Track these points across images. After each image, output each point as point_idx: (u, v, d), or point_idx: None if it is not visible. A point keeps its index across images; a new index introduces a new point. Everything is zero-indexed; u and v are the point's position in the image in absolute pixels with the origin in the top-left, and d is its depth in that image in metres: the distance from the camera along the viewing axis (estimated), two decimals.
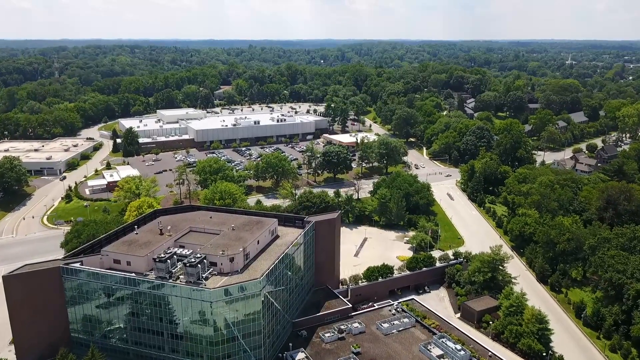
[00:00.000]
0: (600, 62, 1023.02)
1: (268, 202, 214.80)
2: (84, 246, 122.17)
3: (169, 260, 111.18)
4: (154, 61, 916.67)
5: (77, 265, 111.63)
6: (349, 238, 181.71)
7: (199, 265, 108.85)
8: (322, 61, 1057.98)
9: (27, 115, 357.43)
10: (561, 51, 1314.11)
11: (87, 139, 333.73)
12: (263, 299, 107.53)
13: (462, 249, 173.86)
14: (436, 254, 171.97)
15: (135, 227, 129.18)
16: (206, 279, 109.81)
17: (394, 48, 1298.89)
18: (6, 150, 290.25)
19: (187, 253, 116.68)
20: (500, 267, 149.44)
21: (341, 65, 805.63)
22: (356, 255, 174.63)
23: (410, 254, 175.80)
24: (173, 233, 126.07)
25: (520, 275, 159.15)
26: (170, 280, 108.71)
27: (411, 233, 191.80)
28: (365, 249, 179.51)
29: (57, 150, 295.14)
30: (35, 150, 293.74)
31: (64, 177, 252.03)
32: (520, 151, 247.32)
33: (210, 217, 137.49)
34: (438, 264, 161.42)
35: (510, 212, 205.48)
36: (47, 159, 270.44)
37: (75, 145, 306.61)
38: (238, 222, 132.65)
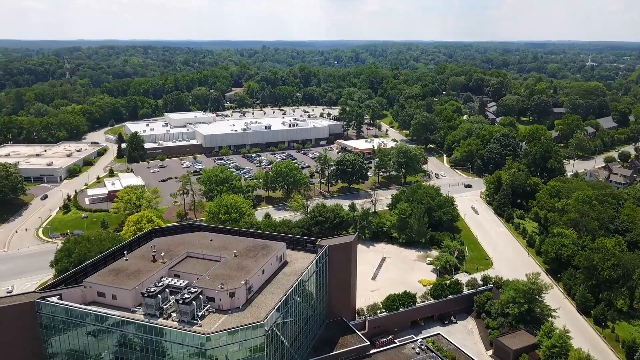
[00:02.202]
0: (621, 63, 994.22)
1: (278, 215, 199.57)
2: (66, 275, 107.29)
3: (159, 295, 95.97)
4: (166, 62, 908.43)
5: (54, 299, 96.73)
6: (366, 257, 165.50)
7: (193, 302, 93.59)
8: (336, 62, 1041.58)
9: (31, 118, 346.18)
10: (580, 52, 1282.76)
11: (91, 143, 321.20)
12: (269, 332, 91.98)
13: (491, 273, 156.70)
14: (462, 277, 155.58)
15: (125, 252, 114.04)
16: (202, 317, 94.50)
17: (409, 49, 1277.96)
18: (7, 155, 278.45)
19: (182, 285, 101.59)
20: (537, 298, 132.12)
21: (356, 66, 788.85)
22: (374, 278, 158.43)
23: (433, 276, 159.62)
24: (167, 260, 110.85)
25: (559, 305, 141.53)
26: (160, 319, 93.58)
27: (434, 252, 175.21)
28: (384, 271, 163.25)
29: (59, 155, 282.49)
30: (37, 155, 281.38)
31: (45, 197, 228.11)
32: (550, 161, 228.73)
33: (211, 240, 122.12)
34: (465, 291, 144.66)
35: (542, 230, 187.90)
36: (48, 165, 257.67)
37: (78, 150, 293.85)
38: (241, 247, 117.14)
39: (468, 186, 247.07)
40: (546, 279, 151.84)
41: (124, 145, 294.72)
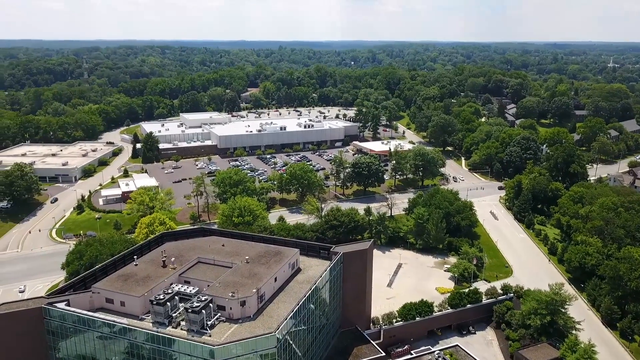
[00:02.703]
0: None
1: (292, 218, 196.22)
2: (74, 280, 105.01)
3: (168, 303, 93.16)
4: (183, 62, 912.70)
5: (62, 305, 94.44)
6: (381, 263, 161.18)
7: (203, 311, 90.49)
8: (352, 63, 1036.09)
9: (47, 117, 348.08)
10: (601, 53, 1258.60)
11: (107, 143, 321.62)
12: (281, 342, 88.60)
13: (511, 281, 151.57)
14: (481, 285, 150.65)
15: (135, 257, 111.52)
16: (212, 327, 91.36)
17: (426, 50, 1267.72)
18: (23, 155, 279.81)
19: (192, 292, 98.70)
20: (561, 309, 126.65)
21: (372, 67, 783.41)
22: (389, 285, 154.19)
23: (450, 284, 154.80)
24: (178, 265, 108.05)
25: (583, 317, 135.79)
26: (169, 328, 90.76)
27: (451, 259, 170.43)
28: (400, 278, 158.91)
29: (75, 155, 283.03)
30: (53, 154, 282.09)
31: (54, 200, 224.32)
32: (573, 166, 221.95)
33: (223, 245, 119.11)
34: (484, 300, 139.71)
35: (564, 237, 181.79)
36: (63, 164, 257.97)
37: (94, 150, 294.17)
38: (254, 253, 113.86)
39: (482, 188, 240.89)
40: (570, 289, 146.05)
41: (138, 146, 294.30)
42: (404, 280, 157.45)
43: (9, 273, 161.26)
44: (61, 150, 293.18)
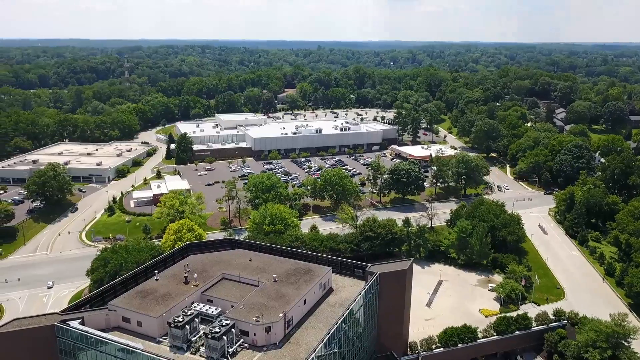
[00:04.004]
0: None
1: (325, 227, 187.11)
2: (92, 294, 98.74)
3: (187, 326, 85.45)
4: (222, 62, 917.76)
5: (75, 323, 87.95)
6: (420, 280, 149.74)
7: (224, 337, 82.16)
8: (391, 63, 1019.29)
9: (85, 116, 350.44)
10: None
11: (141, 143, 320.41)
12: None
13: (563, 305, 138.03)
14: (529, 309, 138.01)
15: (156, 272, 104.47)
16: (233, 354, 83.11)
17: (468, 50, 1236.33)
18: (60, 153, 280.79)
19: (214, 313, 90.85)
20: (624, 343, 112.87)
21: (412, 68, 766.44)
22: (429, 304, 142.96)
23: (495, 305, 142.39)
24: (200, 282, 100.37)
25: None
26: (187, 354, 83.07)
27: (496, 277, 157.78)
28: (440, 297, 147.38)
29: (109, 154, 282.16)
30: (88, 154, 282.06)
31: (75, 210, 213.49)
32: (632, 178, 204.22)
33: (250, 260, 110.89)
34: (534, 326, 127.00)
35: (622, 257, 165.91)
36: (97, 164, 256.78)
37: (128, 150, 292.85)
38: (282, 270, 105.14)
39: (529, 200, 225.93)
40: (634, 321, 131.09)
41: (172, 146, 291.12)
42: (445, 299, 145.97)
43: (36, 276, 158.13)
44: (97, 150, 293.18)
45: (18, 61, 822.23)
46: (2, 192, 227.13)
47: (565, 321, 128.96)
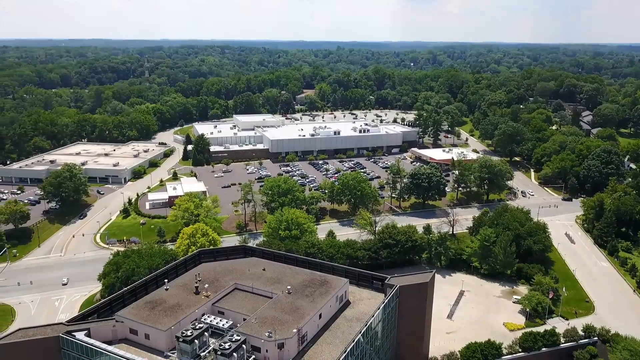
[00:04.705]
0: None
1: (342, 232, 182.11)
2: (99, 304, 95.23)
3: (196, 341, 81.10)
4: (242, 62, 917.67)
5: (81, 335, 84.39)
6: (441, 290, 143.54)
7: (234, 354, 77.61)
8: (411, 64, 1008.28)
9: (103, 116, 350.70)
10: None
11: (159, 144, 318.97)
12: None
13: (593, 320, 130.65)
14: (557, 323, 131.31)
15: (166, 280, 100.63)
16: None
17: (490, 51, 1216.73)
18: (77, 154, 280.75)
19: (225, 326, 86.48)
20: None
21: (433, 69, 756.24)
22: (450, 316, 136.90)
23: (520, 319, 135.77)
24: (212, 293, 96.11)
25: None
26: None
27: (521, 288, 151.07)
28: (462, 308, 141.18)
29: (126, 155, 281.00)
30: (106, 154, 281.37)
31: (83, 216, 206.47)
32: None
33: (263, 270, 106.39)
34: (562, 343, 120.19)
35: None
36: (114, 165, 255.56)
37: (145, 151, 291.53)
38: (297, 281, 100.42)
39: (556, 206, 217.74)
40: None
41: (190, 147, 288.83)
42: (467, 311, 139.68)
43: (49, 279, 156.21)
44: (114, 150, 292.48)
45: (42, 61, 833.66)
46: (19, 192, 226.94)
47: (596, 338, 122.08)
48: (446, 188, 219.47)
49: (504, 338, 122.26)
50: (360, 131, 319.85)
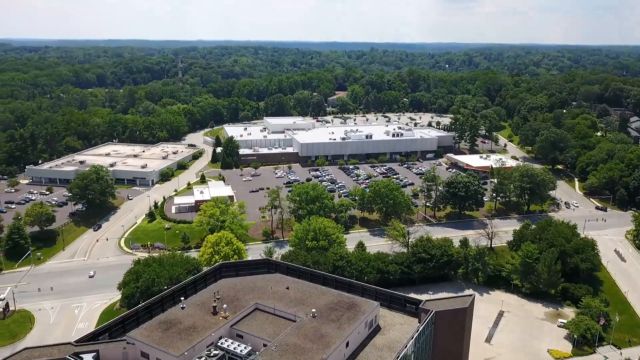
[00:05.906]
0: None
1: (372, 242, 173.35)
2: (111, 322, 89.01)
3: None
4: (274, 63, 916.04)
5: (89, 357, 78.29)
6: (478, 309, 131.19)
7: None
8: (447, 66, 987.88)
9: (135, 117, 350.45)
10: None
11: (188, 145, 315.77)
12: None
13: None
14: (608, 352, 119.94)
15: (182, 298, 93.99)
16: None
17: (528, 53, 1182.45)
18: (107, 154, 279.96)
19: (243, 352, 79.01)
20: None
21: (469, 71, 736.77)
22: (488, 340, 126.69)
23: (567, 345, 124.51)
24: (230, 314, 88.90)
25: None
26: None
27: (567, 310, 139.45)
28: (501, 331, 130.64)
29: (155, 157, 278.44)
30: (135, 155, 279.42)
31: (98, 227, 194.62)
32: None
33: (287, 288, 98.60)
34: None
35: None
36: (142, 167, 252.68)
37: (174, 152, 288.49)
38: (322, 303, 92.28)
39: (603, 220, 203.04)
40: None
41: (219, 150, 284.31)
42: (507, 335, 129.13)
43: (71, 285, 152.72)
44: (143, 151, 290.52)
45: (80, 61, 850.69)
46: (48, 192, 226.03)
47: None
48: (484, 197, 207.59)
49: None
50: (393, 135, 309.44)
